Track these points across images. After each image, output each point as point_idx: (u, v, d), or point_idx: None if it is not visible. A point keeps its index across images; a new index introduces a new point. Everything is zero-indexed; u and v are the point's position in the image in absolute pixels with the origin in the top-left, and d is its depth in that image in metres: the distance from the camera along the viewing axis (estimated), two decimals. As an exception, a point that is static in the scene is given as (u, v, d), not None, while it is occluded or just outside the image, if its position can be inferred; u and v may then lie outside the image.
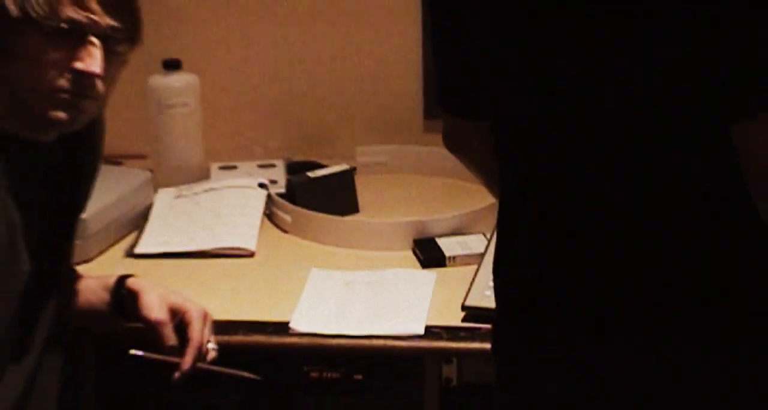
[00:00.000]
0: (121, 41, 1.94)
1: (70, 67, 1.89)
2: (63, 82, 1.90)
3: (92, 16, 1.89)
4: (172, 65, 2.82)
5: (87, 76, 1.90)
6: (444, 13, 1.85)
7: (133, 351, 2.08)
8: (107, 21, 1.90)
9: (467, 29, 1.81)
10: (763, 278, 1.63)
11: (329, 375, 2.28)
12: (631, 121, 1.61)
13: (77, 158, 2.12)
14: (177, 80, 2.88)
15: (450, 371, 2.22)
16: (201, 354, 2.09)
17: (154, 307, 2.11)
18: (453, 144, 1.98)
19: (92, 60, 1.89)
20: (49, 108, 1.91)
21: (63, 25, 1.87)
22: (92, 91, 1.93)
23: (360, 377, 2.29)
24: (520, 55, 1.73)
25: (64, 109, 1.92)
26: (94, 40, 1.90)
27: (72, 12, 1.86)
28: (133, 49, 1.97)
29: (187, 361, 2.06)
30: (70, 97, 1.91)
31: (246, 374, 2.13)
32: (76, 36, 1.89)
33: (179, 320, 2.12)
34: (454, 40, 1.85)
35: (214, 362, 2.12)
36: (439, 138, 1.97)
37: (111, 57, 1.91)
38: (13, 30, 1.86)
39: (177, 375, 2.05)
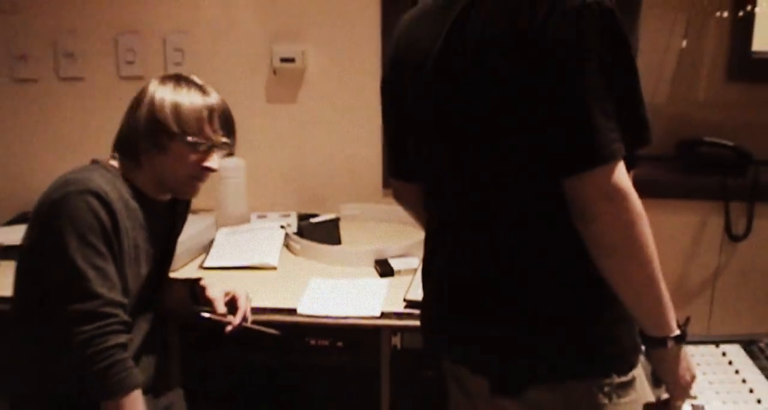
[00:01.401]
0: (226, 151, 2.06)
1: (201, 166, 2.00)
2: (194, 173, 2.02)
3: (218, 137, 2.01)
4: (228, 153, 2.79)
5: (209, 171, 2.03)
6: (382, 115, 1.83)
7: (203, 314, 2.16)
8: (223, 140, 2.02)
9: (388, 124, 1.83)
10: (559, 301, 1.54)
11: (322, 342, 2.32)
12: (486, 187, 1.55)
13: (177, 210, 2.20)
14: (231, 162, 2.88)
15: (396, 340, 2.26)
16: (244, 317, 2.16)
17: (215, 293, 2.18)
18: (397, 197, 1.93)
19: (214, 162, 2.02)
20: (182, 187, 2.04)
21: (203, 140, 1.98)
22: (207, 178, 2.06)
23: (341, 344, 2.31)
24: (409, 144, 1.75)
25: (191, 188, 2.05)
26: (215, 149, 2.03)
27: (209, 132, 1.97)
28: (231, 155, 2.11)
29: (236, 320, 2.13)
30: (196, 182, 2.03)
31: (271, 330, 2.21)
32: (208, 147, 2.00)
33: (230, 298, 2.19)
34: (386, 133, 1.85)
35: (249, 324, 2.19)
36: (392, 198, 1.97)
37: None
38: (171, 139, 1.94)
39: (229, 328, 2.12)
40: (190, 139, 1.99)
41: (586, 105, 1.39)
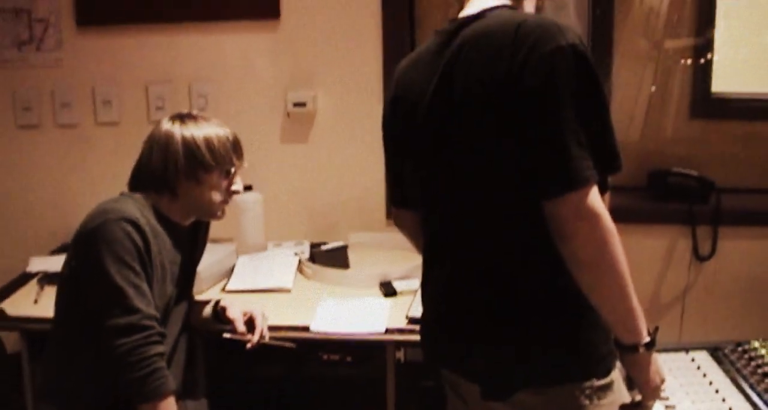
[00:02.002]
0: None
1: (228, 190, 2.05)
2: (224, 198, 2.07)
3: (241, 162, 2.06)
4: (247, 188, 2.64)
5: (236, 194, 2.08)
6: (384, 149, 1.83)
7: (225, 335, 2.16)
8: (244, 163, 2.07)
9: (389, 157, 1.83)
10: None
11: (333, 357, 2.37)
12: (478, 212, 1.55)
13: (199, 235, 2.22)
14: (250, 196, 2.89)
15: (400, 354, 2.31)
16: (262, 335, 2.15)
17: (235, 313, 2.18)
18: (397, 223, 1.92)
19: (239, 185, 2.06)
20: (215, 211, 2.07)
21: (232, 168, 2.03)
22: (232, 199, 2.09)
23: (350, 358, 2.36)
24: (407, 174, 1.75)
25: (221, 211, 2.08)
26: (238, 172, 2.07)
27: (235, 159, 2.01)
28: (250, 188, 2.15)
29: (255, 338, 2.13)
30: (224, 205, 2.06)
31: (287, 344, 2.19)
32: (234, 172, 2.05)
33: (249, 317, 2.18)
34: (388, 165, 1.84)
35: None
36: (395, 227, 1.95)
37: None
38: (207, 170, 1.99)
39: (249, 346, 2.12)
40: (223, 168, 2.03)
41: (561, 137, 1.40)
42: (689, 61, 3.03)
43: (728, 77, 3.03)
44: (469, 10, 1.60)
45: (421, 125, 1.62)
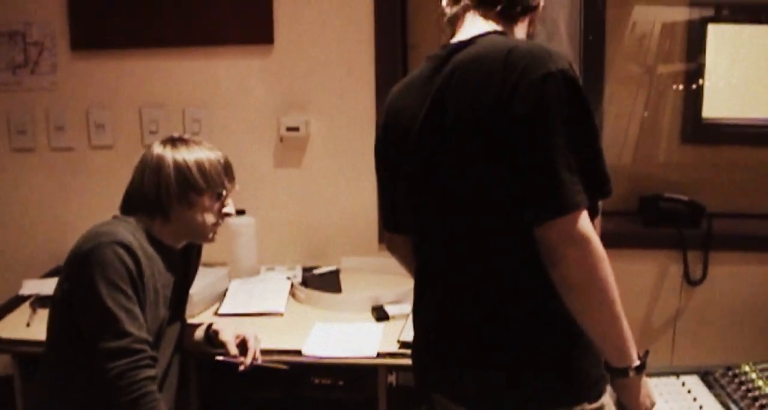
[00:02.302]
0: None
1: (220, 213, 2.06)
2: (216, 220, 2.07)
3: (232, 184, 2.07)
4: (240, 212, 2.81)
5: (228, 216, 2.08)
6: (377, 173, 1.84)
7: (217, 358, 2.15)
8: (236, 186, 2.08)
9: (381, 182, 1.83)
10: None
11: (324, 380, 2.36)
12: (470, 236, 1.56)
13: (191, 257, 2.21)
14: (243, 220, 2.91)
15: (392, 378, 2.29)
16: (254, 357, 2.15)
17: (228, 336, 2.18)
18: (389, 247, 1.91)
19: (231, 207, 2.08)
20: (207, 233, 2.07)
21: (224, 190, 2.04)
22: (223, 222, 2.10)
23: (341, 382, 2.33)
24: (400, 199, 1.75)
25: (213, 233, 2.08)
26: (229, 195, 2.08)
27: (226, 182, 2.02)
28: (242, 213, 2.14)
29: (247, 360, 2.13)
30: (217, 227, 2.07)
31: (280, 365, 2.19)
32: (225, 194, 2.06)
33: (241, 340, 2.18)
34: (380, 189, 1.85)
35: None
36: (387, 252, 1.95)
37: None
38: (200, 194, 1.99)
39: (241, 368, 2.12)
40: (215, 191, 2.04)
41: (552, 162, 1.41)
42: (680, 87, 3.07)
43: (719, 103, 3.07)
44: (460, 37, 1.62)
45: (413, 151, 1.63)
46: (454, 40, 1.63)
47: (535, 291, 1.51)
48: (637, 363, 1.52)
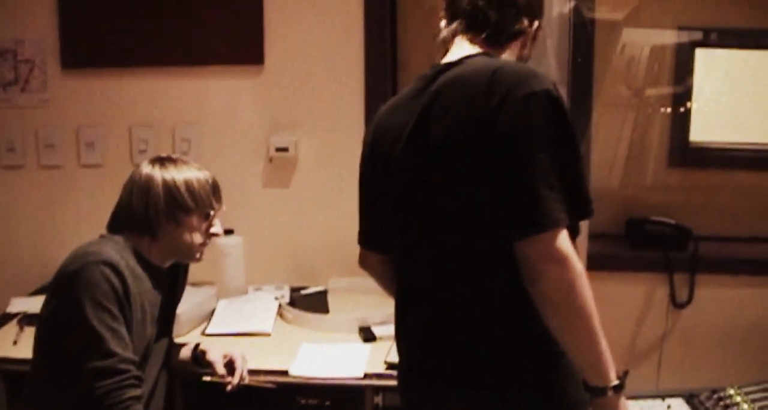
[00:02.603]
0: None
1: (208, 233, 2.08)
2: (203, 240, 2.09)
3: (220, 205, 2.09)
4: (228, 232, 2.80)
5: (215, 236, 2.10)
6: (359, 190, 1.85)
7: (204, 378, 2.17)
8: (223, 207, 2.10)
9: (364, 199, 1.85)
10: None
11: (311, 401, 2.29)
12: (454, 254, 1.57)
13: (179, 276, 2.22)
14: (231, 240, 2.92)
15: (378, 399, 2.24)
16: (242, 377, 2.16)
17: (215, 356, 2.19)
18: (361, 262, 1.92)
19: (218, 227, 2.10)
20: (195, 253, 2.09)
21: (212, 210, 2.06)
22: (211, 241, 2.11)
23: (328, 403, 2.29)
24: (383, 217, 1.75)
25: (200, 253, 2.10)
26: (216, 215, 2.10)
27: (215, 203, 2.04)
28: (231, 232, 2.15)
29: (234, 379, 2.14)
30: (204, 247, 2.08)
31: (268, 384, 2.21)
32: (213, 215, 2.07)
33: (228, 360, 2.19)
34: (362, 206, 1.86)
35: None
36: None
37: None
38: (188, 214, 2.01)
39: (229, 388, 2.13)
40: (203, 211, 2.05)
41: (533, 179, 1.43)
42: (668, 110, 3.10)
43: (706, 127, 3.09)
44: (450, 57, 1.65)
45: (399, 169, 1.65)
46: (444, 60, 1.66)
47: (523, 311, 1.51)
48: (615, 382, 1.51)
